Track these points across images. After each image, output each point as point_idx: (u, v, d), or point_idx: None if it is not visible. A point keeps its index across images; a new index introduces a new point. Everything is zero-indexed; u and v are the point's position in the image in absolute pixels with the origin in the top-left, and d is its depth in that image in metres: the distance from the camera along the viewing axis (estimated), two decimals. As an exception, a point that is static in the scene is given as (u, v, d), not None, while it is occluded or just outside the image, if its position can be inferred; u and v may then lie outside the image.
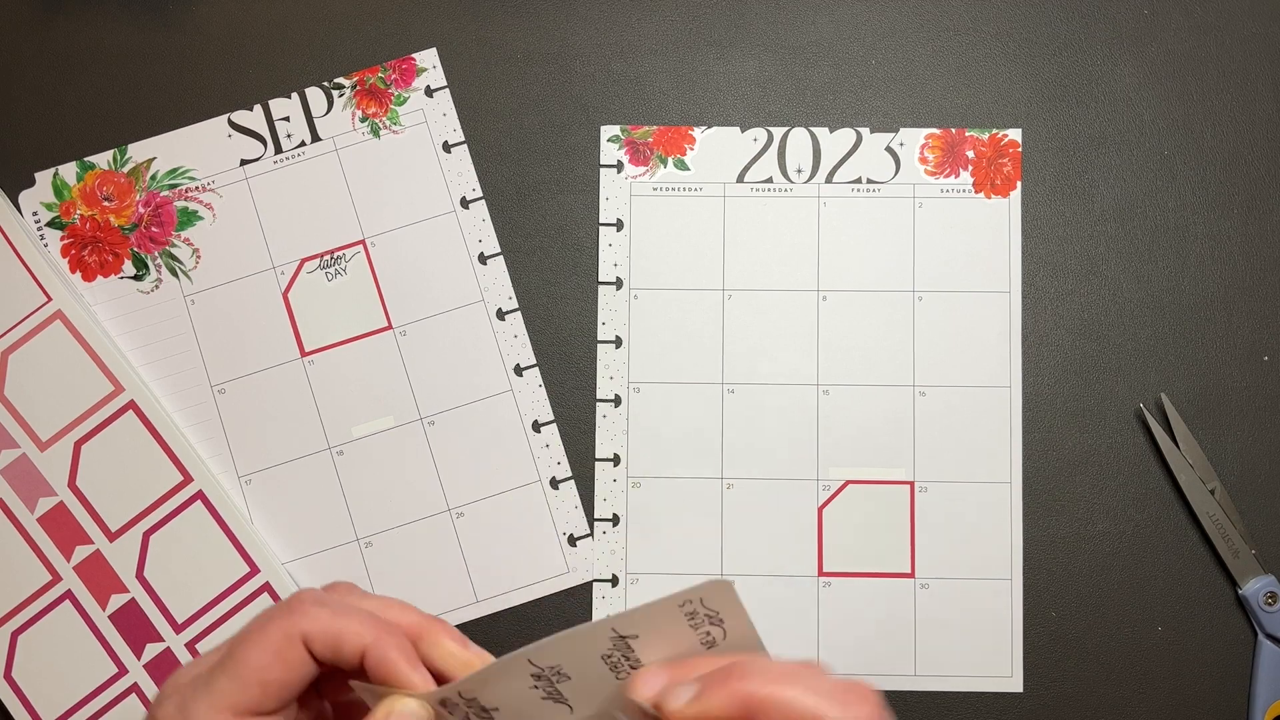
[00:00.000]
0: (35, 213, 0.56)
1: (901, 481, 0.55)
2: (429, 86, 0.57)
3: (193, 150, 0.57)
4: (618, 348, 0.56)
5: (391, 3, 0.58)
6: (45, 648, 0.54)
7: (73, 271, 0.56)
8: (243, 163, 0.57)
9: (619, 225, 0.57)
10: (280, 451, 0.55)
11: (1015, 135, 0.57)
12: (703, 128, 0.57)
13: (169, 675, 0.37)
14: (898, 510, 0.55)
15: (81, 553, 0.54)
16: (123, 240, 0.56)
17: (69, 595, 0.54)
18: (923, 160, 0.57)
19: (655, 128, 0.57)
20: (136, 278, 0.56)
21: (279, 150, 0.57)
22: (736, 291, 0.56)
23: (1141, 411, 0.55)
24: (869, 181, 0.57)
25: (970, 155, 0.57)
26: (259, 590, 0.54)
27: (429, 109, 0.57)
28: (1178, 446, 0.54)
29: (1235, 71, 0.57)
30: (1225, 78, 0.57)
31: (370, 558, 0.55)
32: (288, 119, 0.57)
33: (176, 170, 0.57)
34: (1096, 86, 0.57)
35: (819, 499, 0.55)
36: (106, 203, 0.57)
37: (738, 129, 0.57)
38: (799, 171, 0.57)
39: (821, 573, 0.55)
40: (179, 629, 0.54)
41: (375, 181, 0.57)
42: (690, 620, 0.35)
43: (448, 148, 0.57)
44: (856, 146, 0.57)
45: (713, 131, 0.57)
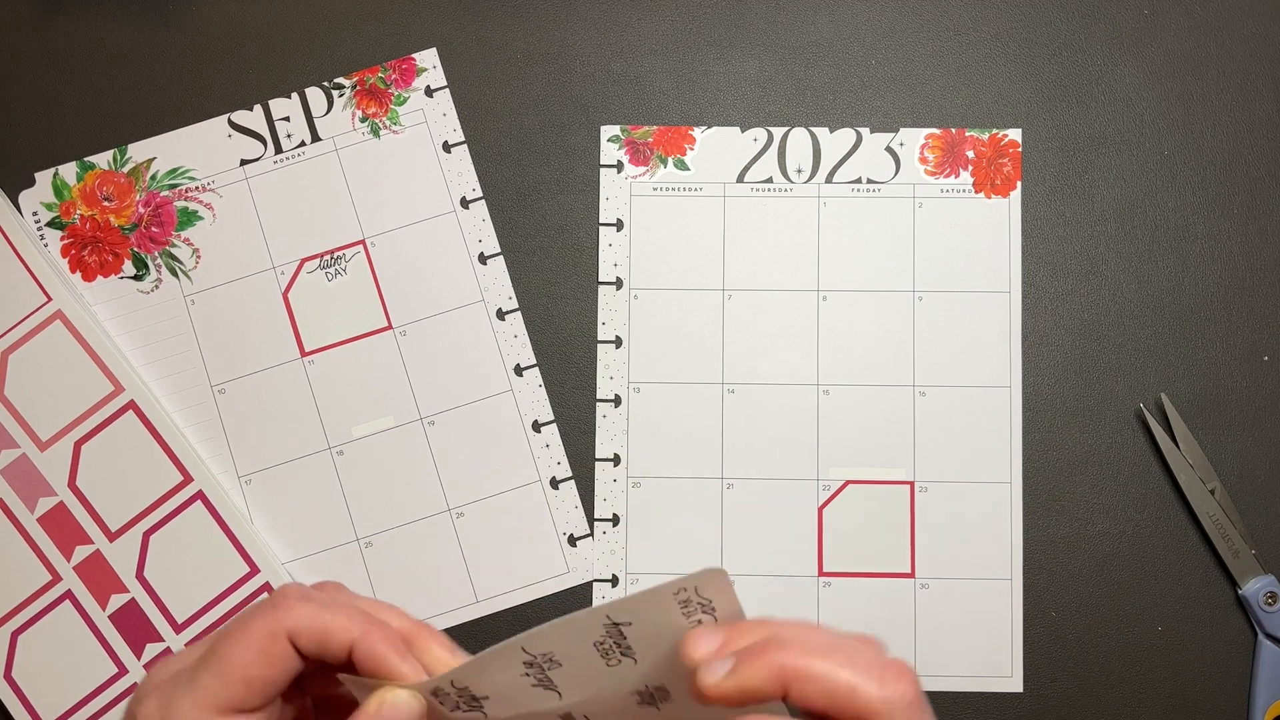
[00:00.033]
0: (35, 213, 0.56)
1: (901, 481, 0.55)
2: (429, 86, 0.57)
3: (193, 150, 0.57)
4: (618, 348, 0.56)
5: (391, 3, 0.58)
6: (45, 648, 0.54)
7: (73, 271, 0.56)
8: (243, 163, 0.57)
9: (619, 225, 0.57)
10: (280, 451, 0.55)
11: (1015, 135, 0.57)
12: (703, 128, 0.57)
13: (150, 671, 0.37)
14: (898, 510, 0.55)
15: (81, 553, 0.54)
16: (123, 240, 0.56)
17: (69, 595, 0.54)
18: (923, 160, 0.57)
19: (655, 128, 0.57)
20: (136, 278, 0.56)
21: (279, 150, 0.57)
22: (736, 291, 0.56)
23: (1141, 411, 0.55)
24: (869, 181, 0.57)
25: (970, 155, 0.56)
26: (259, 590, 0.54)
27: (429, 109, 0.57)
28: (1178, 446, 0.54)
29: (1235, 71, 0.57)
30: (1225, 78, 0.57)
31: (370, 558, 0.55)
32: (288, 119, 0.57)
33: (176, 170, 0.57)
34: (1096, 86, 0.57)
35: (819, 499, 0.55)
36: (106, 203, 0.57)
37: (738, 129, 0.57)
38: (799, 171, 0.57)
39: (821, 573, 0.55)
40: (179, 629, 0.54)
41: (375, 181, 0.57)
42: (684, 608, 0.35)
43: (448, 148, 0.57)
44: (856, 146, 0.57)
45: (713, 131, 0.57)
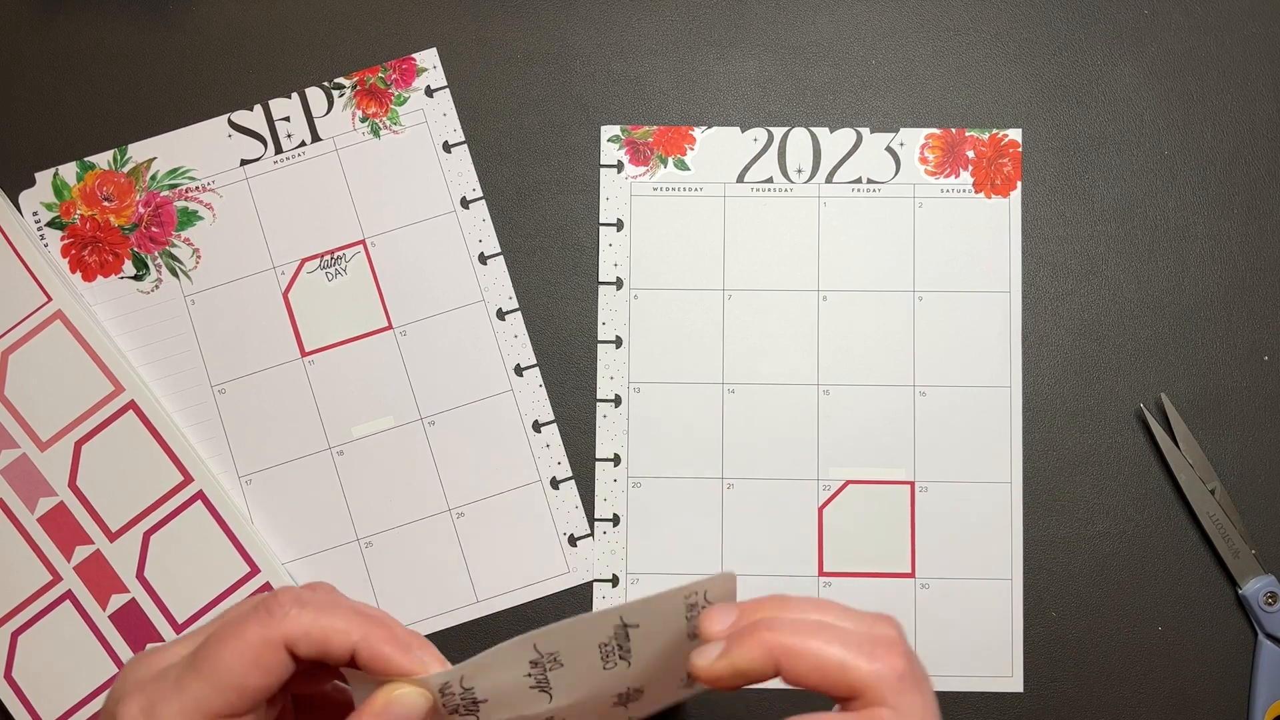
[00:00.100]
0: (35, 213, 0.56)
1: (902, 481, 0.55)
2: (429, 86, 0.57)
3: (193, 150, 0.57)
4: (618, 348, 0.56)
5: (391, 3, 0.58)
6: (45, 648, 0.54)
7: (73, 271, 0.56)
8: (243, 163, 0.57)
9: (619, 225, 0.57)
10: (280, 451, 0.55)
11: (1015, 135, 0.57)
12: (703, 128, 0.57)
13: (129, 666, 0.36)
14: (898, 510, 0.55)
15: (82, 553, 0.54)
16: (123, 240, 0.56)
17: (69, 595, 0.54)
18: (923, 160, 0.57)
19: (655, 128, 0.57)
20: (136, 278, 0.56)
21: (279, 150, 0.57)
22: (736, 291, 0.56)
23: (1141, 411, 0.55)
24: (869, 181, 0.57)
25: (970, 155, 0.56)
26: (259, 590, 0.54)
27: (429, 109, 0.57)
28: (1178, 446, 0.54)
29: (1235, 71, 0.57)
30: (1225, 78, 0.57)
31: (370, 558, 0.55)
32: (288, 119, 0.57)
33: (176, 170, 0.57)
34: (1096, 86, 0.57)
35: (819, 499, 0.55)
36: (106, 203, 0.57)
37: (738, 129, 0.57)
38: (799, 171, 0.57)
39: (821, 573, 0.55)
40: (179, 629, 0.54)
41: (375, 181, 0.57)
42: (688, 612, 0.35)
43: (448, 148, 0.57)
44: (856, 146, 0.57)
45: (713, 131, 0.57)
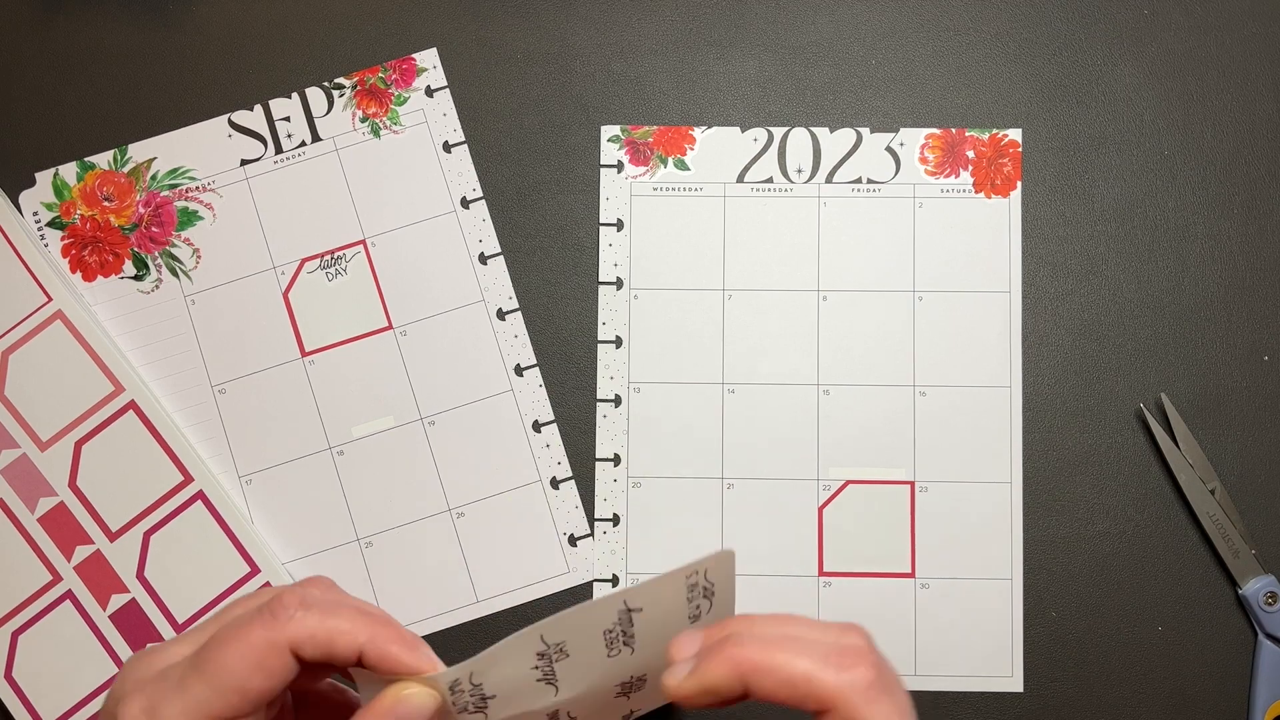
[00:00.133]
0: (35, 213, 0.56)
1: (902, 481, 0.55)
2: (429, 86, 0.57)
3: (193, 150, 0.57)
4: (618, 348, 0.56)
5: (391, 3, 0.58)
6: (45, 648, 0.54)
7: (73, 271, 0.56)
8: (243, 163, 0.57)
9: (619, 225, 0.57)
10: (280, 451, 0.55)
11: (1015, 135, 0.57)
12: (703, 128, 0.57)
13: (129, 664, 0.35)
14: (898, 510, 0.55)
15: (82, 553, 0.54)
16: (123, 240, 0.56)
17: (69, 595, 0.54)
18: (923, 160, 0.57)
19: (655, 128, 0.57)
20: (136, 278, 0.56)
21: (279, 150, 0.57)
22: (736, 291, 0.56)
23: (1141, 411, 0.55)
24: (869, 181, 0.57)
25: (970, 155, 0.56)
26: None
27: (429, 109, 0.57)
28: (1178, 446, 0.54)
29: (1235, 71, 0.57)
30: (1225, 78, 0.57)
31: (370, 558, 0.55)
32: (288, 119, 0.57)
33: (176, 170, 0.57)
34: (1096, 86, 0.57)
35: (819, 499, 0.55)
36: (107, 203, 0.57)
37: (738, 129, 0.57)
38: (799, 171, 0.57)
39: (821, 573, 0.55)
40: (179, 629, 0.54)
41: (375, 181, 0.57)
42: (689, 593, 0.35)
43: (448, 148, 0.57)
44: (856, 146, 0.57)
45: (713, 131, 0.57)
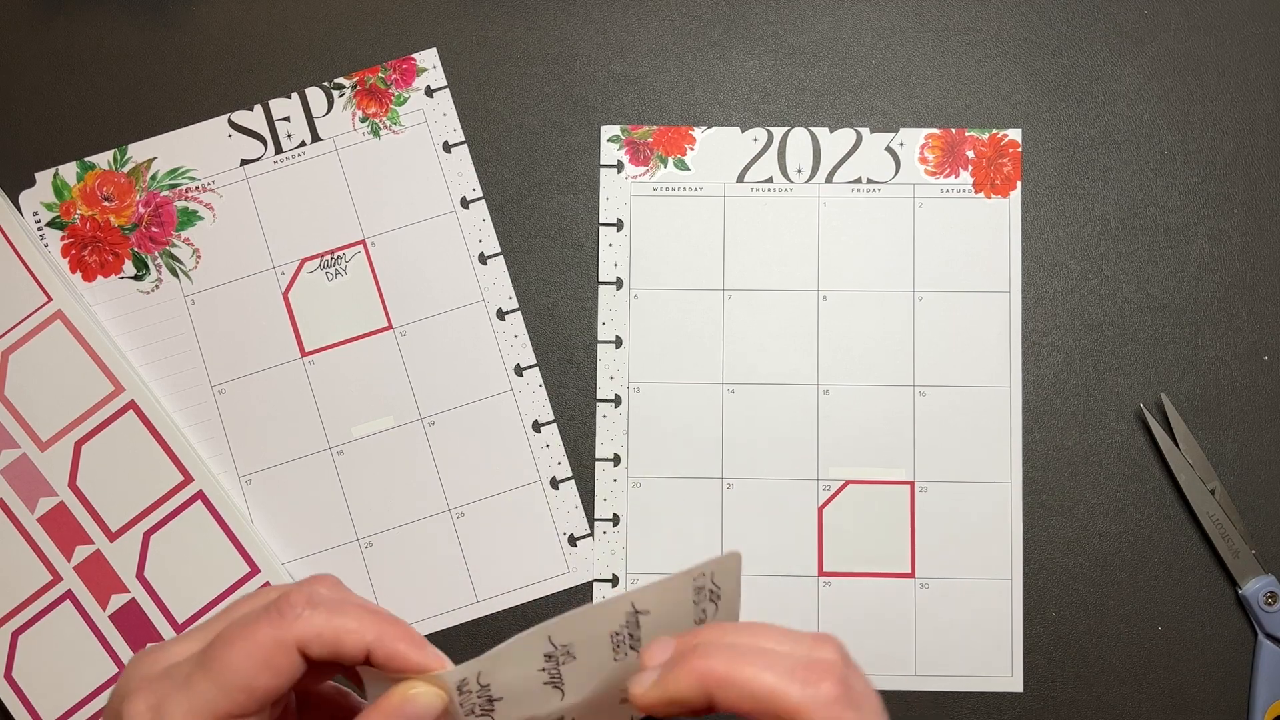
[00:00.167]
0: (35, 213, 0.56)
1: (901, 481, 0.55)
2: (429, 86, 0.57)
3: (193, 150, 0.57)
4: (618, 348, 0.56)
5: (391, 3, 0.58)
6: (45, 648, 0.54)
7: (73, 271, 0.56)
8: (243, 163, 0.57)
9: (619, 225, 0.57)
10: (280, 451, 0.55)
11: (1015, 135, 0.57)
12: (703, 128, 0.57)
13: (134, 662, 0.35)
14: (898, 510, 0.55)
15: (82, 553, 0.54)
16: (123, 240, 0.56)
17: (69, 595, 0.54)
18: (923, 160, 0.57)
19: (655, 128, 0.57)
20: (136, 278, 0.56)
21: (279, 150, 0.57)
22: (736, 291, 0.56)
23: (1141, 411, 0.55)
24: (869, 181, 0.57)
25: (970, 155, 0.56)
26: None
27: (429, 109, 0.57)
28: (1178, 446, 0.54)
29: (1235, 71, 0.57)
30: (1225, 78, 0.57)
31: (370, 558, 0.55)
32: (288, 119, 0.57)
33: (176, 170, 0.57)
34: (1096, 86, 0.57)
35: (819, 499, 0.55)
36: (106, 203, 0.57)
37: (738, 129, 0.57)
38: (799, 171, 0.57)
39: (821, 573, 0.55)
40: (179, 629, 0.54)
41: (375, 181, 0.57)
42: (695, 596, 0.35)
43: (448, 148, 0.57)
44: (856, 146, 0.57)
45: (713, 131, 0.57)
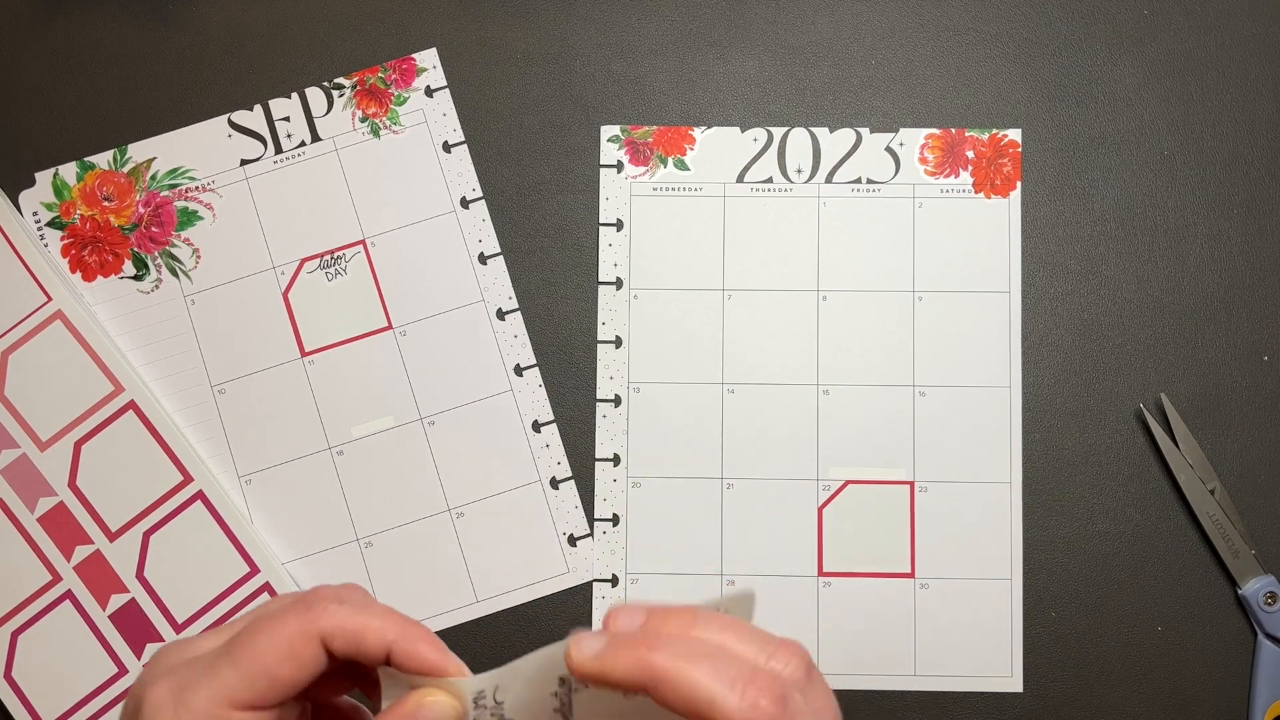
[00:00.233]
0: (35, 213, 0.56)
1: (901, 481, 0.55)
2: (429, 86, 0.57)
3: (193, 150, 0.57)
4: (618, 348, 0.56)
5: (391, 3, 0.58)
6: (45, 648, 0.54)
7: (73, 271, 0.56)
8: (243, 163, 0.57)
9: (619, 225, 0.57)
10: (280, 451, 0.55)
11: (1015, 135, 0.57)
12: (703, 128, 0.57)
13: (160, 653, 0.36)
14: (898, 510, 0.55)
15: (81, 553, 0.54)
16: (123, 240, 0.56)
17: (69, 595, 0.54)
18: (923, 160, 0.57)
19: (655, 128, 0.57)
20: (136, 278, 0.56)
21: (279, 150, 0.57)
22: (736, 291, 0.56)
23: (1141, 411, 0.55)
24: (869, 181, 0.57)
25: (970, 155, 0.56)
26: (259, 590, 0.54)
27: (429, 109, 0.57)
28: (1178, 446, 0.54)
29: (1235, 71, 0.57)
30: (1225, 78, 0.57)
31: (370, 558, 0.55)
32: (288, 119, 0.57)
33: (176, 170, 0.57)
34: (1096, 86, 0.57)
35: (819, 499, 0.55)
36: (106, 203, 0.57)
37: (738, 129, 0.57)
38: (799, 171, 0.57)
39: (821, 573, 0.55)
40: (179, 629, 0.54)
41: (375, 181, 0.57)
42: None
43: (448, 148, 0.57)
44: (856, 146, 0.57)
45: (713, 131, 0.57)
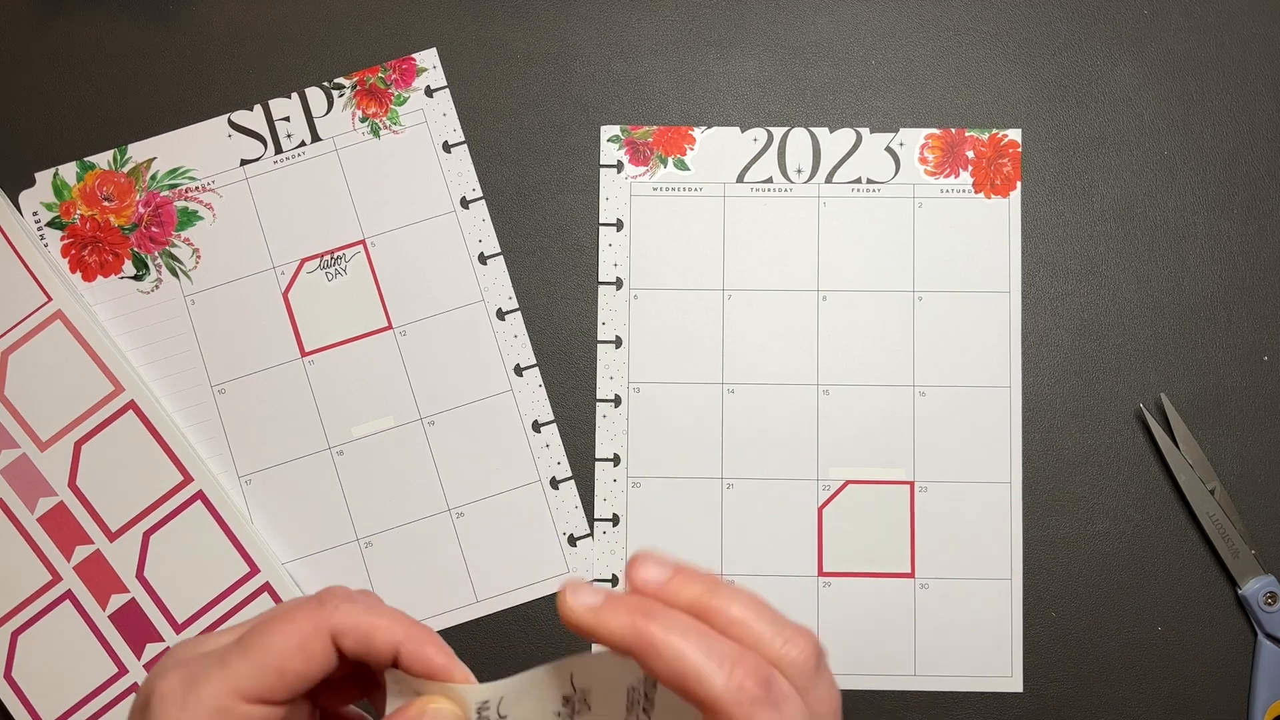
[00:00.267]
0: (35, 213, 0.56)
1: (901, 481, 0.55)
2: (429, 86, 0.57)
3: (193, 150, 0.57)
4: (618, 348, 0.56)
5: (391, 3, 0.58)
6: (45, 648, 0.54)
7: (73, 271, 0.56)
8: (243, 163, 0.57)
9: (619, 225, 0.57)
10: (280, 451, 0.55)
11: (1015, 135, 0.57)
12: (703, 128, 0.57)
13: (174, 648, 0.36)
14: (898, 510, 0.55)
15: (81, 553, 0.54)
16: (123, 240, 0.56)
17: (69, 595, 0.54)
18: (923, 160, 0.57)
19: (655, 128, 0.57)
20: (136, 278, 0.56)
21: (279, 150, 0.57)
22: (736, 291, 0.56)
23: (1141, 411, 0.55)
24: (869, 181, 0.57)
25: (970, 155, 0.56)
26: (259, 590, 0.54)
27: (429, 109, 0.57)
28: (1178, 446, 0.54)
29: (1235, 71, 0.57)
30: (1225, 78, 0.57)
31: (370, 558, 0.55)
32: (288, 119, 0.57)
33: (176, 170, 0.57)
34: (1096, 86, 0.57)
35: (819, 499, 0.55)
36: (106, 203, 0.57)
37: (738, 129, 0.57)
38: (799, 171, 0.57)
39: (821, 573, 0.55)
40: (179, 629, 0.54)
41: (375, 181, 0.57)
42: None
43: (448, 148, 0.57)
44: (856, 146, 0.57)
45: (713, 131, 0.57)
